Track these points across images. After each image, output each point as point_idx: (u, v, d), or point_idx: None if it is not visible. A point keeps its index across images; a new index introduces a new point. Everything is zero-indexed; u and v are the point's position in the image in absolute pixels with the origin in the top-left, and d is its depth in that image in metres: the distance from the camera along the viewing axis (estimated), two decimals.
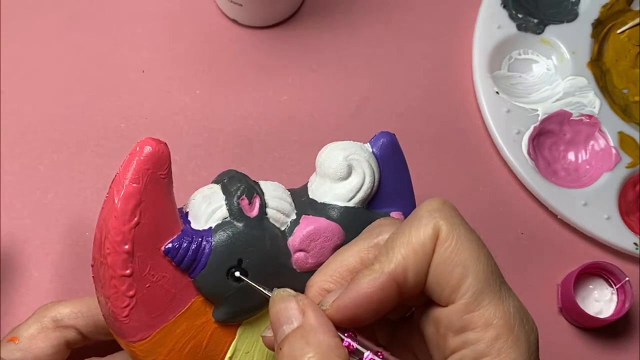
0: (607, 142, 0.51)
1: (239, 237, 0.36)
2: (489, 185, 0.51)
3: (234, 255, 0.36)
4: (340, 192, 0.38)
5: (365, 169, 0.38)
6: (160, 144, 0.35)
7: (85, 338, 0.40)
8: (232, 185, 0.37)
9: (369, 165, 0.38)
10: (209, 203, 0.36)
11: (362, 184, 0.38)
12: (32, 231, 0.49)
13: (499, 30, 0.53)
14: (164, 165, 0.35)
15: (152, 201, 0.34)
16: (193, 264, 0.36)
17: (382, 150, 0.39)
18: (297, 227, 0.37)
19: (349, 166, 0.38)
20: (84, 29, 0.54)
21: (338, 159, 0.38)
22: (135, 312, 0.35)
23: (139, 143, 0.34)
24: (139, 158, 0.34)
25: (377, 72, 0.54)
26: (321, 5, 0.55)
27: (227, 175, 0.38)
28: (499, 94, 0.52)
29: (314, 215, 0.38)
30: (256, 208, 0.37)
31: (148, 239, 0.34)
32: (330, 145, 0.39)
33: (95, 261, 0.35)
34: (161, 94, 0.52)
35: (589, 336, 0.48)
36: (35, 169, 0.50)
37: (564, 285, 0.48)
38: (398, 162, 0.40)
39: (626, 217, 0.50)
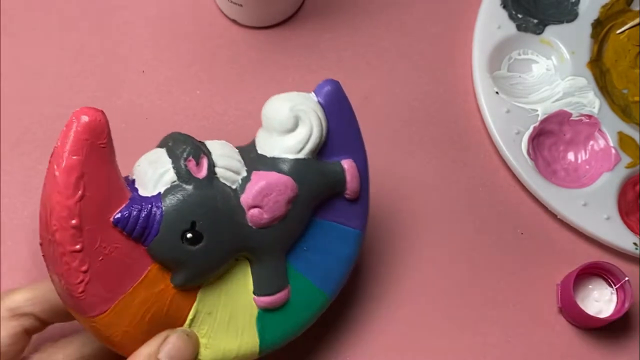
0: (607, 142, 0.51)
1: (190, 200, 0.35)
2: (489, 185, 0.51)
3: (187, 218, 0.35)
4: (288, 144, 0.38)
5: (312, 119, 0.37)
6: (97, 112, 0.34)
7: (44, 323, 0.39)
8: (178, 148, 0.36)
9: (316, 114, 0.38)
10: (155, 168, 0.36)
11: (310, 135, 0.38)
12: (32, 231, 0.49)
13: (498, 30, 0.53)
14: (103, 134, 0.34)
15: (95, 172, 0.34)
16: (145, 232, 0.35)
17: (327, 98, 0.39)
18: (249, 184, 0.37)
19: (295, 117, 0.37)
20: (84, 29, 0.54)
21: (283, 110, 0.37)
22: (91, 286, 0.34)
23: (74, 113, 0.33)
24: (76, 129, 0.33)
25: (377, 72, 0.54)
26: (321, 6, 0.55)
27: (171, 138, 0.37)
28: (499, 94, 0.52)
29: (264, 171, 0.37)
30: (204, 168, 0.36)
31: (95, 211, 0.34)
32: (274, 97, 0.38)
33: (43, 239, 0.34)
34: (161, 94, 0.52)
35: (589, 336, 0.48)
36: (35, 169, 0.50)
37: (563, 285, 0.48)
38: (344, 109, 0.40)
39: (626, 217, 0.50)
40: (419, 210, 0.51)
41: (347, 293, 0.48)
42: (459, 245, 0.50)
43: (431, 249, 0.50)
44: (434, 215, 0.50)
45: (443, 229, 0.50)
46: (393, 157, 0.52)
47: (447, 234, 0.50)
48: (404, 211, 0.51)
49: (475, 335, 0.48)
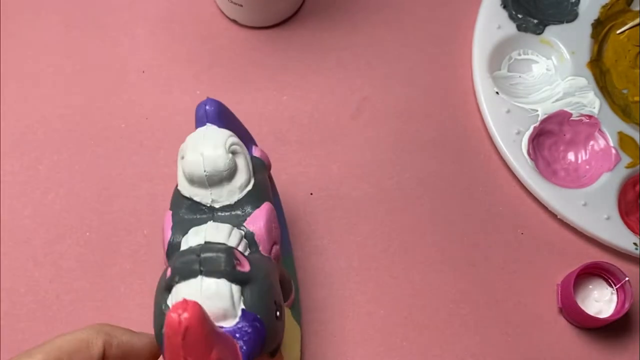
0: (607, 142, 0.51)
1: (263, 290, 0.35)
2: (489, 185, 0.51)
3: (272, 307, 0.35)
4: (241, 181, 0.38)
5: (239, 149, 0.38)
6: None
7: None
8: (208, 265, 0.34)
9: (234, 138, 0.38)
10: (221, 300, 0.34)
11: (246, 159, 0.39)
12: (32, 231, 0.49)
13: (499, 30, 0.53)
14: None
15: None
16: (262, 342, 0.34)
17: (218, 117, 0.39)
18: (256, 237, 0.37)
19: (232, 155, 0.38)
20: (84, 29, 0.54)
21: (222, 156, 0.37)
22: None
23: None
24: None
25: (377, 72, 0.54)
26: (321, 6, 0.55)
27: (181, 272, 0.35)
28: (499, 94, 0.52)
29: (249, 215, 0.38)
30: (246, 262, 0.35)
31: None
32: (192, 153, 0.37)
33: None
34: (161, 94, 0.52)
35: (589, 336, 0.48)
36: (35, 169, 0.50)
37: (563, 285, 0.48)
38: (229, 115, 0.41)
39: (626, 217, 0.50)
40: (419, 210, 0.51)
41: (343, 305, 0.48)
42: (459, 245, 0.50)
43: (431, 248, 0.50)
44: (434, 215, 0.50)
45: (443, 229, 0.50)
46: (393, 157, 0.52)
47: (447, 233, 0.50)
48: (403, 211, 0.51)
49: (475, 335, 0.48)
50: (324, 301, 0.48)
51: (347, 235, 0.50)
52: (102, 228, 0.49)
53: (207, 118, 0.39)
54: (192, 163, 0.37)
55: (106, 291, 0.48)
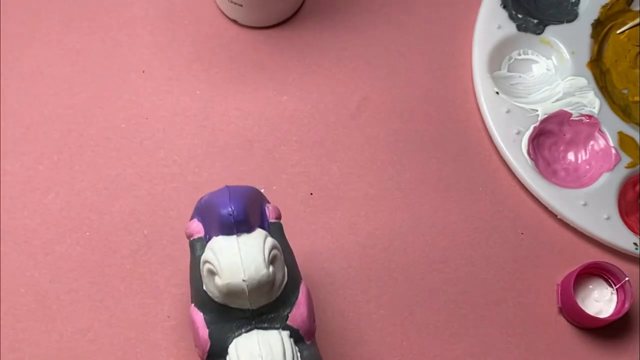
0: (607, 142, 0.51)
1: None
2: (489, 185, 0.51)
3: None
4: (278, 282, 0.37)
5: (277, 253, 0.37)
6: None
7: None
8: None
9: (275, 248, 0.37)
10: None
11: (281, 259, 0.38)
12: (32, 231, 0.49)
13: (499, 30, 0.53)
14: None
15: None
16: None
17: (246, 220, 0.37)
18: (301, 331, 0.38)
19: (273, 269, 0.37)
20: (84, 29, 0.54)
21: (265, 277, 0.36)
22: None
23: None
24: None
25: (377, 72, 0.54)
26: (321, 6, 0.55)
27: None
28: (499, 94, 0.52)
29: (290, 306, 0.38)
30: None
31: None
32: (227, 279, 0.36)
33: None
34: (161, 94, 0.52)
35: (589, 336, 0.48)
36: (35, 169, 0.50)
37: (563, 285, 0.48)
38: (250, 200, 0.39)
39: (626, 217, 0.50)
40: (419, 210, 0.51)
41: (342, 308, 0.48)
42: (459, 244, 0.50)
43: (431, 248, 0.50)
44: (434, 215, 0.50)
45: (443, 229, 0.50)
46: (393, 157, 0.52)
47: (447, 233, 0.50)
48: (403, 211, 0.51)
49: (475, 335, 0.48)
50: (324, 301, 0.48)
51: (347, 235, 0.50)
52: (102, 228, 0.49)
53: (236, 228, 0.36)
54: (233, 287, 0.35)
55: (106, 291, 0.48)
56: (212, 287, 0.37)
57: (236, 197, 0.36)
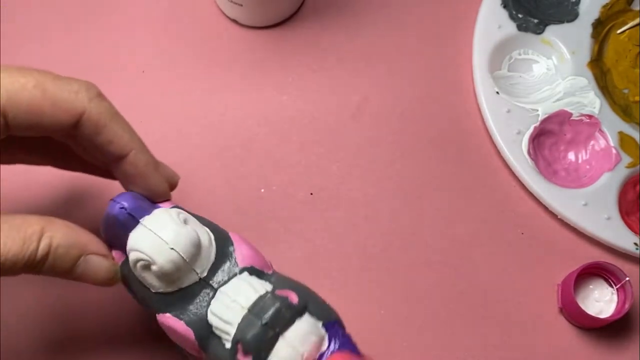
0: (607, 142, 0.51)
1: (314, 296, 0.38)
2: (489, 185, 0.51)
3: None
4: (204, 241, 0.37)
5: (185, 213, 0.38)
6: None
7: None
8: (278, 322, 0.35)
9: (180, 210, 0.37)
10: (309, 334, 0.35)
11: (194, 219, 0.38)
12: None
13: (499, 30, 0.53)
14: None
15: None
16: None
17: (137, 206, 0.37)
18: (255, 266, 0.38)
19: (190, 227, 0.37)
20: (84, 29, 0.54)
21: (186, 235, 0.36)
22: None
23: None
24: None
25: (377, 72, 0.54)
26: (321, 5, 0.55)
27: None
28: (499, 94, 0.52)
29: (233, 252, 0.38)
30: (288, 292, 0.36)
31: None
32: (161, 262, 0.35)
33: None
34: (161, 94, 0.52)
35: (589, 336, 0.48)
36: (36, 169, 0.50)
37: (564, 285, 0.48)
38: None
39: (626, 217, 0.50)
40: (419, 210, 0.51)
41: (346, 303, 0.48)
42: (459, 245, 0.50)
43: (431, 248, 0.50)
44: (434, 215, 0.50)
45: (443, 229, 0.50)
46: (393, 157, 0.52)
47: (447, 233, 0.50)
48: (403, 211, 0.50)
49: (475, 336, 0.48)
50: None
51: (347, 235, 0.50)
52: None
53: (136, 215, 0.36)
54: (169, 262, 0.35)
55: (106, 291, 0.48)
56: (155, 282, 0.36)
57: (119, 196, 0.37)
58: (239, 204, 0.50)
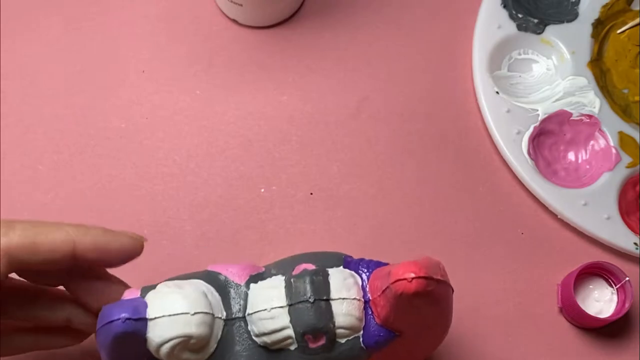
0: (607, 142, 0.51)
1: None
2: (489, 185, 0.51)
3: None
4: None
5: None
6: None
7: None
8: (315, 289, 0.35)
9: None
10: (346, 282, 0.36)
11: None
12: None
13: (499, 30, 0.53)
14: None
15: None
16: None
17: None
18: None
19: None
20: (84, 29, 0.54)
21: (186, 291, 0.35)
22: None
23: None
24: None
25: (377, 72, 0.54)
26: (321, 5, 0.55)
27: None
28: (499, 94, 0.52)
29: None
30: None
31: None
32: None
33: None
34: (161, 94, 0.52)
35: (589, 336, 0.48)
36: (35, 169, 0.50)
37: (564, 285, 0.48)
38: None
39: (626, 217, 0.50)
40: (419, 210, 0.51)
41: None
42: (459, 245, 0.50)
43: (430, 249, 0.50)
44: (434, 215, 0.50)
45: (443, 229, 0.50)
46: (393, 156, 0.52)
47: (447, 234, 0.50)
48: (403, 211, 0.50)
49: (475, 336, 0.48)
50: None
51: (347, 235, 0.50)
52: None
53: (138, 319, 0.34)
54: (201, 326, 0.34)
55: None
56: (196, 355, 0.35)
57: (109, 315, 0.34)
58: (239, 204, 0.50)
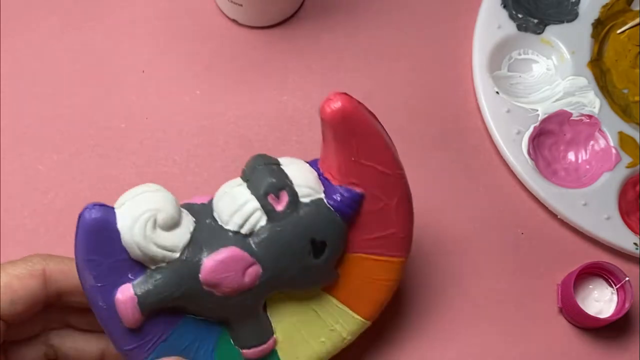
0: (607, 142, 0.51)
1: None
2: (489, 185, 0.51)
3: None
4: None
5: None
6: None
7: (59, 297, 0.38)
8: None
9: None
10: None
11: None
12: (32, 231, 0.49)
13: (499, 30, 0.53)
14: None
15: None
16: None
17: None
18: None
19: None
20: (84, 29, 0.54)
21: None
22: None
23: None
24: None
25: (377, 72, 0.54)
26: (321, 6, 0.55)
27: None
28: (499, 94, 0.52)
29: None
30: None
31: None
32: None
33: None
34: (161, 94, 0.52)
35: (589, 336, 0.48)
36: (35, 169, 0.50)
37: (564, 285, 0.48)
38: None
39: (626, 217, 0.50)
40: (418, 210, 0.51)
41: None
42: (459, 245, 0.50)
43: (430, 249, 0.50)
44: (434, 216, 0.50)
45: (442, 229, 0.50)
46: None
47: (447, 233, 0.50)
48: None
49: (475, 336, 0.48)
50: None
51: None
52: None
53: (106, 206, 0.37)
54: (168, 202, 0.37)
55: None
56: (168, 237, 0.37)
57: (84, 210, 0.37)
58: None
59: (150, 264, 0.36)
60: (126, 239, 0.36)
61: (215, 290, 0.37)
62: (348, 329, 0.42)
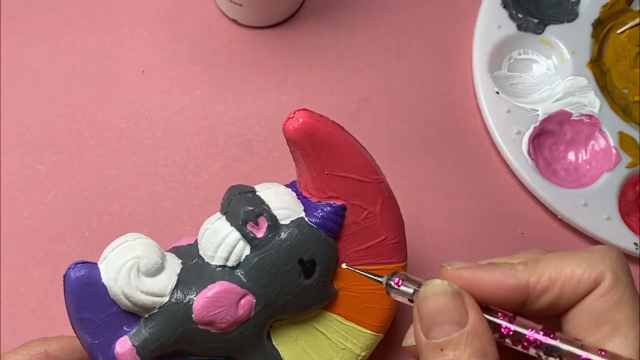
0: (607, 142, 0.51)
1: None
2: (489, 185, 0.51)
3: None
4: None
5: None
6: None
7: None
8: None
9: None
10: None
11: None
12: (32, 231, 0.49)
13: (499, 30, 0.53)
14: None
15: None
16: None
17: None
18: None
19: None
20: (84, 29, 0.54)
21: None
22: None
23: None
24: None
25: (377, 72, 0.54)
26: (321, 5, 0.55)
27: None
28: (499, 94, 0.52)
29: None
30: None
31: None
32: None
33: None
34: (161, 94, 0.52)
35: None
36: (35, 169, 0.50)
37: None
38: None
39: (626, 217, 0.50)
40: (419, 211, 0.51)
41: None
42: (459, 245, 0.50)
43: (430, 248, 0.50)
44: (434, 216, 0.50)
45: (442, 229, 0.50)
46: (393, 157, 0.52)
47: (447, 233, 0.50)
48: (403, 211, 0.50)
49: None
50: None
51: None
52: (102, 228, 0.49)
53: (91, 263, 0.37)
54: (149, 247, 0.37)
55: None
56: (154, 283, 0.37)
57: (68, 270, 0.36)
58: None
59: (143, 312, 0.36)
60: (113, 290, 0.36)
61: (211, 327, 0.37)
62: (360, 345, 0.41)
